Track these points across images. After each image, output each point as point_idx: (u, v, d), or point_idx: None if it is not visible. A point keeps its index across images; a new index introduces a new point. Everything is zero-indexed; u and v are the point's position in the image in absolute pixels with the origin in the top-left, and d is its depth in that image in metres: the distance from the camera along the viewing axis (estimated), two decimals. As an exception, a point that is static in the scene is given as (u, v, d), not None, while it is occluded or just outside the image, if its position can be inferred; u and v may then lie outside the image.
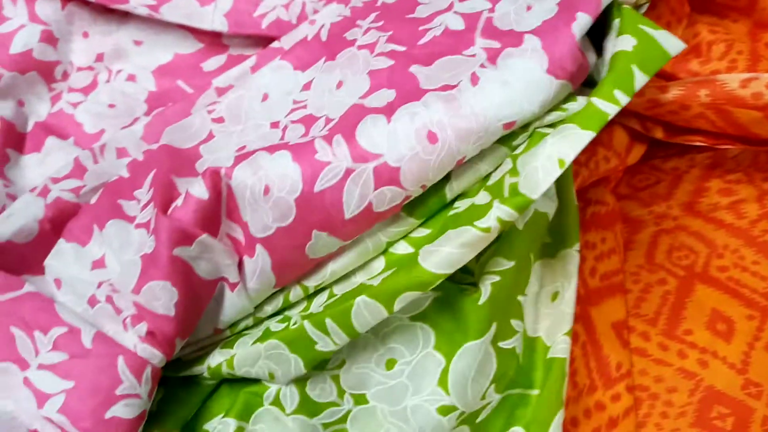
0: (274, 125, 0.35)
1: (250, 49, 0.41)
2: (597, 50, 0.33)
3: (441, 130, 0.30)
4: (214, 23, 0.40)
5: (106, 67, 0.42)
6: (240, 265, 0.32)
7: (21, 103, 0.41)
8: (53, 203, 0.35)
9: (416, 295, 0.30)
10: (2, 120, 0.39)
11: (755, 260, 0.39)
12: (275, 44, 0.38)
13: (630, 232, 0.40)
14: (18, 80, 0.40)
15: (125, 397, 0.30)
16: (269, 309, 0.33)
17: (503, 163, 0.32)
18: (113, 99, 0.41)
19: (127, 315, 0.31)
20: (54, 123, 0.40)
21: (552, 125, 0.31)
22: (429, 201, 0.32)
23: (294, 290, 0.33)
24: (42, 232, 0.35)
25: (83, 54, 0.42)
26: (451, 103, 0.30)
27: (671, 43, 0.30)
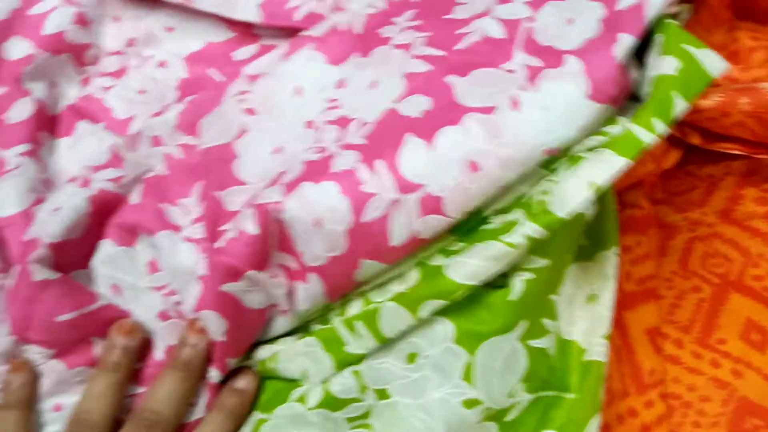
0: (308, 125, 0.35)
1: (282, 40, 0.40)
2: (639, 57, 0.32)
3: (483, 159, 0.30)
4: (247, 13, 0.40)
5: (137, 53, 0.42)
6: (291, 291, 0.33)
7: (54, 85, 0.40)
8: (97, 195, 0.36)
9: (441, 303, 0.31)
10: (38, 101, 0.39)
11: (791, 271, 0.38)
12: (306, 32, 0.38)
13: (664, 238, 0.39)
14: (51, 61, 0.40)
15: None
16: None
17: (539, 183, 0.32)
18: (144, 85, 0.40)
19: None
20: (84, 106, 0.40)
21: (591, 149, 0.31)
22: (467, 219, 0.32)
23: None
24: (88, 226, 0.36)
25: (114, 38, 0.42)
26: (492, 130, 0.30)
27: (714, 65, 0.30)
